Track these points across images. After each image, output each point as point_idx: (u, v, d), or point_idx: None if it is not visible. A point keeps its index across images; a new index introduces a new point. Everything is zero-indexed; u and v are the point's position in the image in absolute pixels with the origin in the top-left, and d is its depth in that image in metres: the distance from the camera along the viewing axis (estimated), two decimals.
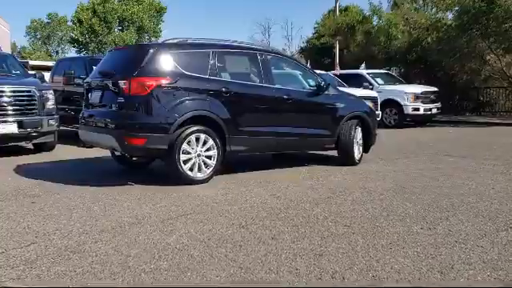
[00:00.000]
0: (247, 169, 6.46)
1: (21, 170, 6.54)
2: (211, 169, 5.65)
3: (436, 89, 15.58)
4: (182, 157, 5.42)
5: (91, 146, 6.07)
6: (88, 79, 6.14)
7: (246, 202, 4.69)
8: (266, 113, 6.15)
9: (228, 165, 6.12)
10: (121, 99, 5.34)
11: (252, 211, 4.35)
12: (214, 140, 5.61)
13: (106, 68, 5.82)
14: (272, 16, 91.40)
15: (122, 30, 44.17)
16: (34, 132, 8.05)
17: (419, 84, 16.89)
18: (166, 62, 5.50)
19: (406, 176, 6.15)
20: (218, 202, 4.69)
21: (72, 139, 9.54)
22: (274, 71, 6.41)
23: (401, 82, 16.36)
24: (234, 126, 5.78)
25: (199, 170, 5.57)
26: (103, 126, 5.54)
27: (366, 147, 7.27)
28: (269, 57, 6.31)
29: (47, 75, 11.57)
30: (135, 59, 5.48)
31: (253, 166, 6.62)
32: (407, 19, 18.43)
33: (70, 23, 48.60)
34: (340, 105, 6.83)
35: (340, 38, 20.24)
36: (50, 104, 8.40)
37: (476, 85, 18.70)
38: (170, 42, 5.82)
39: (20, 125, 7.79)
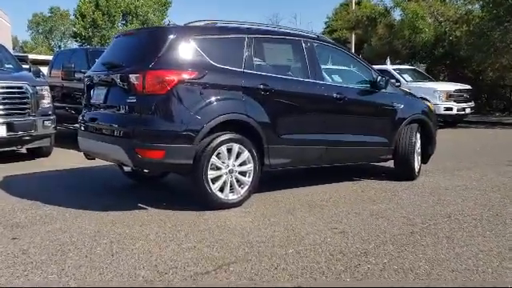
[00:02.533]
0: (282, 185, 5.20)
1: (6, 184, 5.30)
2: (246, 188, 4.40)
3: (469, 87, 14.29)
4: (211, 174, 4.18)
5: (93, 158, 4.82)
6: (89, 73, 4.87)
7: (303, 242, 3.43)
8: (313, 116, 4.89)
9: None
10: (132, 99, 4.09)
11: (317, 259, 3.09)
12: (249, 151, 4.36)
13: (113, 59, 4.56)
14: (279, 11, 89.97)
15: (125, 24, 43.25)
16: (27, 135, 6.82)
17: (445, 81, 15.65)
18: (191, 50, 4.24)
19: (485, 195, 4.91)
20: (264, 241, 3.43)
21: (72, 141, 8.29)
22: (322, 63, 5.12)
23: (429, 79, 15.07)
24: (274, 133, 4.52)
25: (231, 189, 4.32)
26: (109, 133, 4.29)
27: (425, 157, 5.99)
28: (315, 45, 5.03)
29: (47, 70, 10.38)
30: (151, 47, 4.22)
31: (288, 181, 5.35)
32: (434, 11, 17.06)
33: (72, 17, 47.63)
34: (399, 105, 5.55)
35: (359, 31, 18.90)
36: (46, 102, 7.17)
37: (506, 82, 17.38)
38: (196, 24, 4.55)
39: (9, 127, 6.56)
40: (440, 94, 13.48)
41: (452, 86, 13.97)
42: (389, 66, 14.81)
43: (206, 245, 3.35)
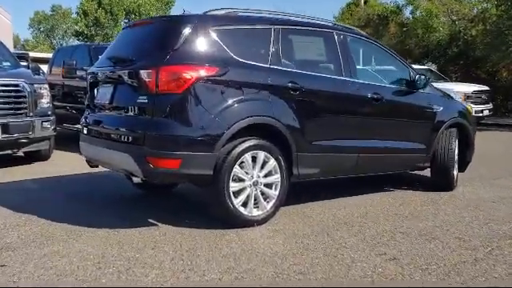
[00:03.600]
0: (308, 196, 4.60)
1: None
2: (273, 203, 3.81)
3: (488, 88, 13.68)
4: (233, 186, 3.59)
5: (96, 165, 4.24)
6: (93, 69, 4.29)
7: (351, 273, 2.84)
8: (347, 119, 4.30)
9: None
10: (143, 99, 3.51)
11: None
12: (276, 160, 3.78)
13: (121, 52, 3.98)
14: (282, 7, 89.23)
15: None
16: (23, 138, 6.24)
17: (457, 82, 15.04)
18: (211, 42, 3.65)
19: None
20: (304, 272, 2.84)
21: (72, 143, 7.74)
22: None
23: (444, 80, 14.46)
24: (304, 138, 3.94)
25: (256, 204, 3.74)
26: (115, 138, 3.70)
27: (463, 165, 5.40)
28: (348, 38, 4.44)
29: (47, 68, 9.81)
30: (165, 39, 3.64)
31: (314, 192, 4.76)
32: (448, 9, 16.46)
33: (74, 15, 47.15)
34: (438, 108, 4.96)
35: (370, 30, 18.28)
36: (45, 102, 6.60)
37: None
38: (215, 13, 3.96)
39: (4, 129, 5.99)
40: (457, 95, 12.88)
41: (470, 87, 13.36)
42: None
43: (233, 276, 2.77)
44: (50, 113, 6.62)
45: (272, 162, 3.77)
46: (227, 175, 3.54)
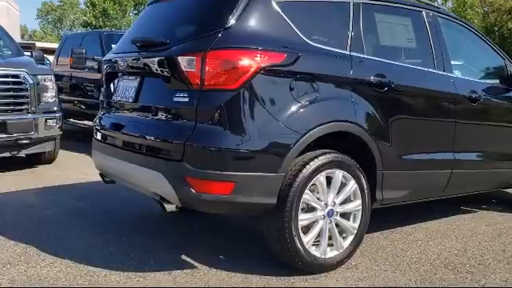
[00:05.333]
0: (375, 220, 3.60)
1: None
2: (351, 239, 2.82)
3: None
4: (303, 219, 2.62)
5: (113, 181, 3.27)
6: (110, 56, 3.27)
7: None
8: (441, 125, 3.29)
9: None
10: (181, 97, 2.51)
11: None
12: (357, 181, 2.79)
13: (149, 33, 2.96)
14: None
15: (137, 14, 42.00)
16: (24, 138, 5.28)
17: None
18: (274, 19, 2.65)
19: None
20: None
21: (80, 141, 6.85)
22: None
23: None
24: (392, 151, 2.95)
25: (330, 241, 2.76)
26: (141, 149, 2.72)
27: None
28: (440, 20, 3.43)
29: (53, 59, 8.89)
30: (212, 14, 2.64)
31: (380, 214, 3.75)
32: (482, 0, 15.32)
33: (82, 6, 46.50)
34: None
35: None
36: (50, 95, 5.63)
37: None
38: None
39: (2, 128, 5.04)
40: None
41: None
42: None
43: None
44: (55, 109, 5.66)
45: (352, 185, 2.78)
46: (295, 204, 2.55)
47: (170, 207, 2.63)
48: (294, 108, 2.54)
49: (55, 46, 16.90)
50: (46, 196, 4.30)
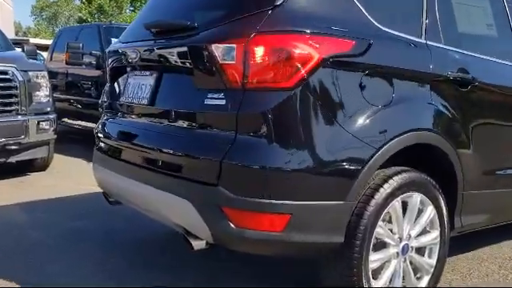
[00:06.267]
0: None
1: None
2: (427, 280, 2.20)
3: None
4: (372, 260, 1.99)
5: (119, 202, 2.62)
6: (116, 45, 2.60)
7: None
8: None
9: None
10: (216, 98, 1.87)
11: None
12: (436, 206, 2.17)
13: (168, 15, 2.30)
14: None
15: (134, 11, 41.48)
16: (13, 143, 4.66)
17: None
18: None
19: None
20: None
21: (76, 144, 6.23)
22: None
23: None
24: (475, 167, 2.33)
25: (404, 283, 2.14)
26: (161, 168, 2.07)
27: None
28: None
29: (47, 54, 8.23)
30: None
31: None
32: None
33: (77, 2, 45.84)
34: None
35: None
36: (43, 94, 5.01)
37: None
38: None
39: None
40: None
41: None
42: None
43: None
44: (49, 109, 5.03)
45: (429, 211, 2.16)
46: (367, 241, 1.93)
47: (197, 244, 1.97)
48: (366, 113, 1.91)
49: (50, 42, 16.21)
50: (35, 213, 3.64)
